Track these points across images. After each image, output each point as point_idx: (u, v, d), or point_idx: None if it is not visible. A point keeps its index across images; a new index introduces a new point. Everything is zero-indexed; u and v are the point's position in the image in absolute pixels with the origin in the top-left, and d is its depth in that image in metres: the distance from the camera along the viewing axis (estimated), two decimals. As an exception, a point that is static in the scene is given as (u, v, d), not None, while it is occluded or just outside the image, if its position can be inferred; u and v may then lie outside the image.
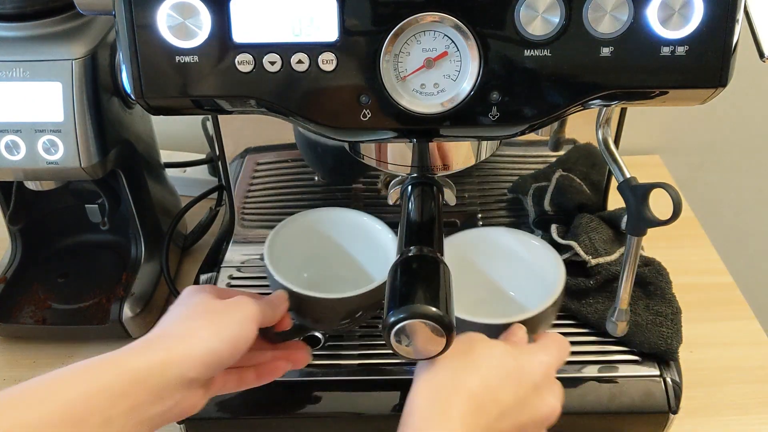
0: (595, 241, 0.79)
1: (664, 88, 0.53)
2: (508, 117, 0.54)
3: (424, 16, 0.52)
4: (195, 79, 0.53)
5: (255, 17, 0.52)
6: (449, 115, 0.54)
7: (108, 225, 0.86)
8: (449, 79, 0.54)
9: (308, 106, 0.54)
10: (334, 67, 0.53)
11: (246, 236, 0.89)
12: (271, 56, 0.52)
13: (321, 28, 0.52)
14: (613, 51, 0.52)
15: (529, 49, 0.52)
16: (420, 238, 0.57)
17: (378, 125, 0.54)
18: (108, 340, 0.85)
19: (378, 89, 0.53)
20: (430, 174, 0.64)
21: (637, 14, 0.51)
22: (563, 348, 0.59)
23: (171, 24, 0.51)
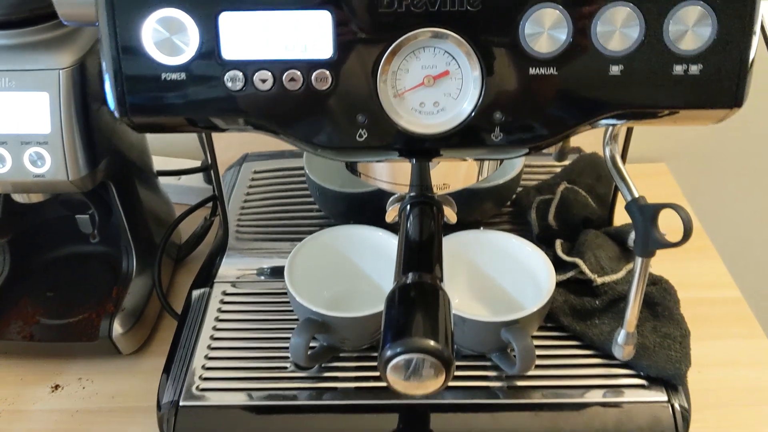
0: (600, 259, 0.76)
1: (677, 108, 0.51)
2: (512, 138, 0.51)
3: (423, 32, 0.49)
4: (182, 98, 0.50)
5: (245, 32, 0.49)
6: (450, 135, 0.52)
7: (98, 238, 0.83)
8: (450, 97, 0.51)
9: (301, 126, 0.51)
10: (328, 85, 0.50)
11: (242, 249, 0.86)
12: (262, 73, 0.50)
13: (315, 45, 0.49)
14: (623, 69, 0.50)
15: (535, 66, 0.50)
16: (419, 263, 0.54)
17: (375, 146, 0.52)
18: (98, 356, 0.83)
19: (375, 108, 0.51)
20: (430, 193, 0.61)
21: (649, 31, 0.49)
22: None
23: (157, 39, 0.49)
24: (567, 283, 0.77)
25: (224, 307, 0.79)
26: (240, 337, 0.76)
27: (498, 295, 0.77)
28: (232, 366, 0.73)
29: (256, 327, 0.77)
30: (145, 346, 0.86)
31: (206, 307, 0.79)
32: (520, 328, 0.66)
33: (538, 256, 0.72)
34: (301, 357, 0.66)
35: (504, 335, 0.66)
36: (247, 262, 0.85)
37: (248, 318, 0.78)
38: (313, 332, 0.67)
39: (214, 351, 0.74)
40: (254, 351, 0.74)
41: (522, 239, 0.74)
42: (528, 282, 0.74)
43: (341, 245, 0.77)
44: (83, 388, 0.81)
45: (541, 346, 0.74)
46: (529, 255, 0.74)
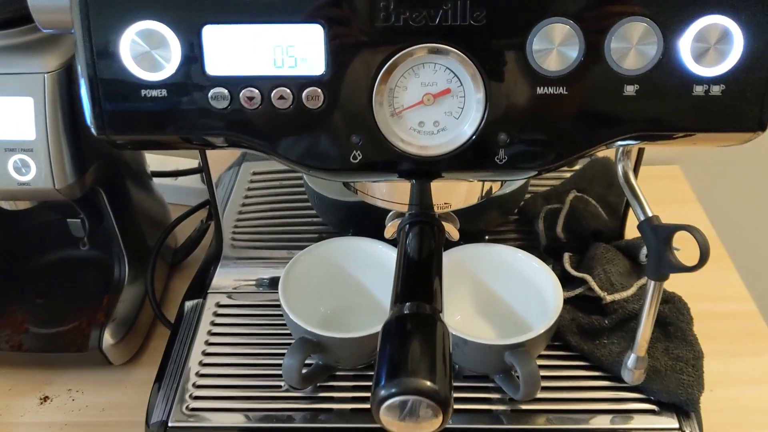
0: (610, 274, 0.73)
1: (696, 131, 0.47)
2: (517, 160, 0.48)
3: (422, 48, 0.45)
4: (164, 116, 0.47)
5: (230, 47, 0.46)
6: (450, 157, 0.48)
7: (88, 245, 0.80)
8: (451, 117, 0.48)
9: (291, 147, 0.48)
10: (320, 103, 0.47)
11: (238, 258, 0.83)
12: (249, 91, 0.46)
13: (306, 60, 0.46)
14: (639, 89, 0.46)
15: (543, 86, 0.46)
16: (417, 291, 0.51)
17: (370, 168, 0.48)
18: (88, 367, 0.80)
19: (370, 128, 0.47)
20: (431, 212, 0.58)
21: (668, 48, 0.45)
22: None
23: (136, 53, 0.45)
24: (575, 300, 0.73)
25: (217, 319, 0.76)
26: (233, 352, 0.73)
27: (502, 312, 0.74)
28: (224, 384, 0.70)
29: (251, 342, 0.74)
30: (138, 355, 0.83)
31: (199, 319, 0.76)
32: (525, 352, 0.63)
33: (545, 273, 0.69)
34: (295, 379, 0.63)
35: (508, 359, 0.63)
36: (242, 272, 0.82)
37: (242, 332, 0.75)
38: (308, 353, 0.64)
39: (205, 367, 0.71)
40: (248, 368, 0.71)
41: (528, 254, 0.71)
42: (534, 299, 0.70)
43: (339, 258, 0.74)
44: (72, 400, 0.78)
45: (547, 367, 0.71)
46: (536, 271, 0.70)
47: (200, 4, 0.45)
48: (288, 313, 0.65)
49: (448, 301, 0.74)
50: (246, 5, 0.45)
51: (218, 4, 0.45)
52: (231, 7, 0.45)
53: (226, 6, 0.45)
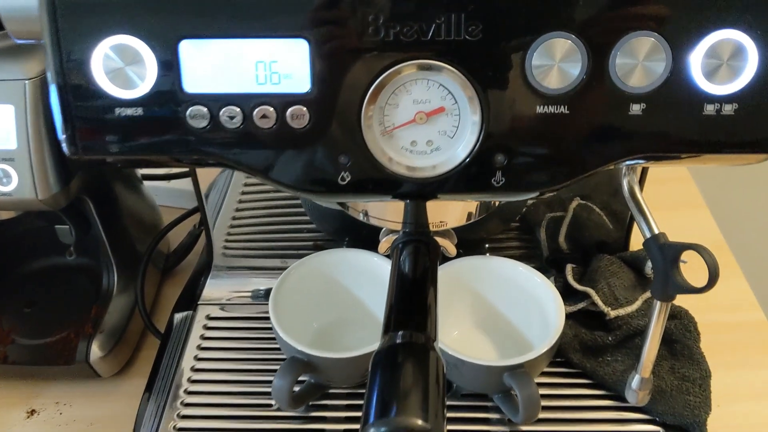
0: (614, 288, 0.70)
1: (706, 152, 0.44)
2: (516, 183, 0.45)
3: (414, 65, 0.42)
4: (139, 135, 0.44)
5: (209, 63, 0.43)
6: (444, 178, 0.45)
7: (75, 255, 0.78)
8: (445, 136, 0.45)
9: (275, 167, 0.45)
10: (305, 123, 0.44)
11: (230, 266, 0.80)
12: (230, 109, 0.44)
13: (290, 77, 0.43)
14: (646, 108, 0.43)
15: (543, 104, 0.43)
16: (410, 319, 0.48)
17: (360, 190, 0.45)
18: (77, 379, 0.78)
19: (359, 149, 0.44)
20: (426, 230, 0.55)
21: (677, 65, 0.42)
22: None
23: (109, 70, 0.42)
24: (578, 315, 0.71)
25: (208, 333, 0.74)
26: (223, 368, 0.70)
27: (502, 327, 0.71)
28: (213, 402, 0.68)
29: (242, 357, 0.71)
30: (128, 366, 0.81)
31: (188, 333, 0.73)
32: (525, 373, 0.60)
33: (546, 289, 0.66)
34: (285, 400, 0.61)
35: (507, 380, 0.61)
36: (234, 282, 0.79)
37: (233, 346, 0.72)
38: (299, 373, 0.62)
39: (194, 384, 0.69)
40: (238, 385, 0.69)
41: (530, 268, 0.68)
42: (535, 315, 0.68)
43: (332, 271, 0.71)
44: (60, 413, 0.76)
45: (548, 384, 0.68)
46: (537, 286, 0.67)
47: (176, 18, 0.42)
48: (278, 330, 0.63)
49: (445, 315, 0.71)
50: (225, 19, 0.42)
51: (196, 17, 0.42)
52: (209, 21, 0.42)
53: (204, 19, 0.42)
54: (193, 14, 0.42)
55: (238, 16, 0.42)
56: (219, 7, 0.42)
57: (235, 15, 0.42)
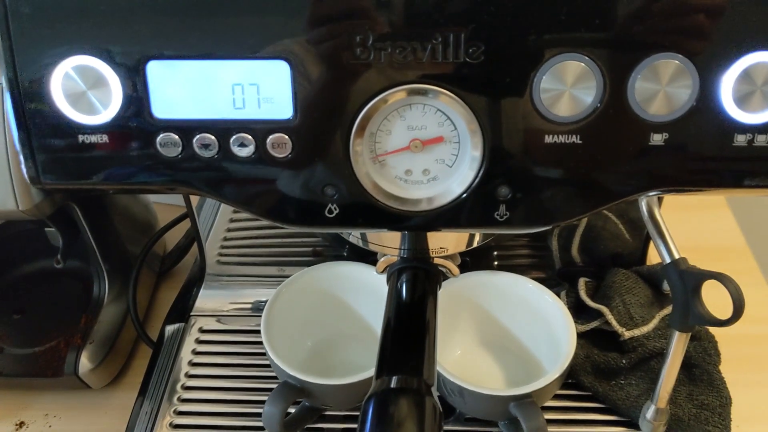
0: (630, 306, 0.65)
1: (736, 187, 0.39)
2: (521, 217, 0.41)
3: (407, 90, 0.38)
4: (106, 164, 0.40)
5: (181, 86, 0.38)
6: (442, 212, 0.41)
7: (62, 263, 0.74)
8: (443, 164, 0.41)
9: (255, 199, 0.41)
10: (288, 152, 0.40)
11: (225, 274, 0.76)
12: (204, 137, 0.39)
13: (271, 101, 0.39)
14: (668, 139, 0.38)
15: (552, 134, 0.38)
16: (405, 361, 0.44)
17: (349, 223, 0.41)
18: (67, 390, 0.75)
19: (348, 180, 0.40)
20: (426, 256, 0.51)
21: (704, 91, 0.37)
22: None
23: (70, 94, 0.38)
24: (590, 334, 0.66)
25: (200, 347, 0.70)
26: (215, 386, 0.67)
27: (509, 346, 0.67)
28: (203, 424, 0.64)
29: (235, 374, 0.68)
30: (121, 375, 0.78)
31: (179, 347, 0.70)
32: (531, 403, 0.56)
33: (557, 309, 0.62)
34: (276, 429, 0.57)
35: (512, 410, 0.57)
36: (228, 293, 0.75)
37: (226, 362, 0.69)
38: (291, 399, 0.58)
39: (184, 404, 0.66)
40: (230, 405, 0.65)
41: (540, 286, 0.64)
42: (544, 335, 0.64)
43: (328, 285, 0.67)
44: (49, 426, 0.73)
45: (556, 409, 0.64)
46: (548, 305, 0.63)
47: (142, 36, 0.37)
48: (270, 353, 0.59)
49: (448, 333, 0.67)
50: (198, 38, 0.37)
51: (164, 36, 0.37)
52: (179, 40, 0.37)
53: (174, 38, 0.37)
54: (161, 32, 0.37)
55: (212, 35, 0.37)
56: (190, 25, 0.37)
57: (208, 34, 0.37)
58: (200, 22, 0.37)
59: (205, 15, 0.37)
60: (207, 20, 0.37)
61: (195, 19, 0.37)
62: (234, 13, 0.37)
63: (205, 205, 0.76)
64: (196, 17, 0.37)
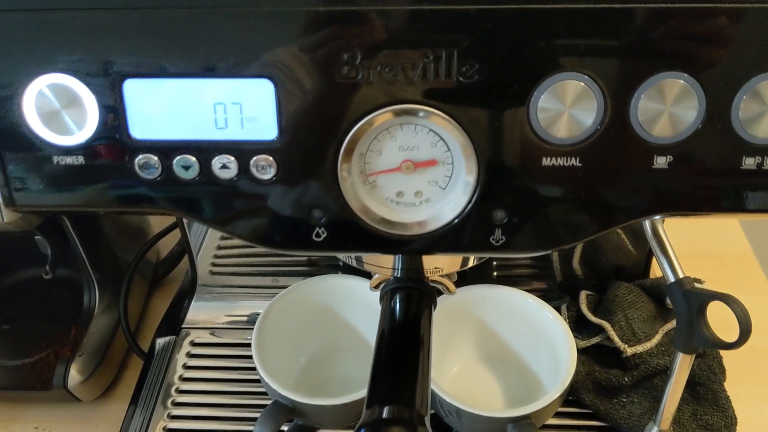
0: (632, 321, 0.63)
1: (744, 212, 0.37)
2: (517, 242, 0.39)
3: (398, 110, 0.36)
4: (82, 186, 0.38)
5: (159, 105, 0.36)
6: (435, 236, 0.39)
7: (51, 274, 0.73)
8: (436, 186, 0.39)
9: (239, 223, 0.39)
10: (273, 174, 0.38)
11: (218, 285, 0.74)
12: (185, 159, 0.37)
13: (254, 121, 0.37)
14: (673, 162, 0.36)
15: (550, 156, 0.37)
16: (397, 388, 0.42)
17: (338, 247, 0.39)
18: (56, 403, 0.73)
19: (336, 202, 0.38)
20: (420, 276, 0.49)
21: (711, 111, 0.35)
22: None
23: (44, 114, 0.36)
24: (592, 350, 0.65)
25: (191, 361, 0.68)
26: (206, 402, 0.65)
27: (509, 361, 0.65)
28: (194, 442, 0.62)
29: (227, 390, 0.66)
30: (112, 387, 0.77)
31: (170, 361, 0.68)
32: (530, 425, 0.54)
33: (558, 326, 0.60)
34: (266, 450, 0.56)
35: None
36: (220, 305, 0.74)
37: (218, 377, 0.67)
38: (283, 419, 0.56)
39: (174, 421, 0.64)
40: (221, 422, 0.64)
41: (541, 302, 0.62)
42: (545, 351, 0.62)
43: (322, 298, 0.65)
44: (39, 438, 0.72)
45: (557, 427, 0.62)
46: (549, 322, 0.61)
47: (119, 54, 0.35)
48: (261, 372, 0.57)
49: (446, 348, 0.65)
50: (177, 55, 0.35)
51: (141, 53, 0.35)
52: (157, 57, 0.35)
53: (152, 55, 0.35)
54: (138, 50, 0.35)
55: (192, 53, 0.35)
56: (169, 42, 0.35)
57: (188, 51, 0.35)
58: (179, 39, 0.35)
59: (184, 31, 0.35)
60: (186, 37, 0.35)
61: (174, 36, 0.35)
62: (215, 29, 0.35)
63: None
64: (175, 34, 0.35)
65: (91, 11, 0.35)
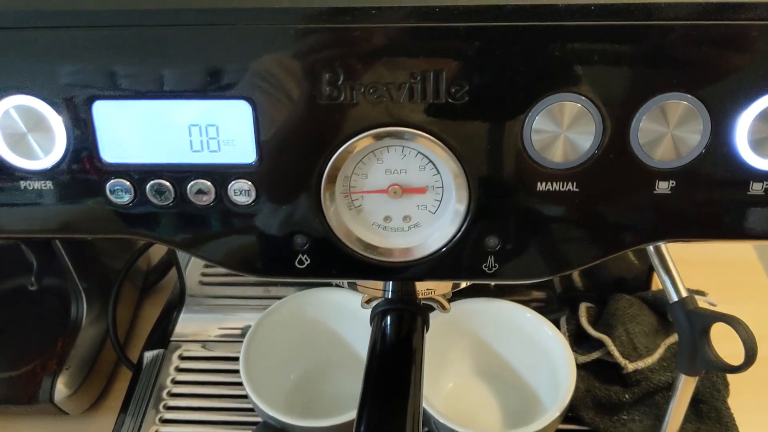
0: (634, 335, 0.62)
1: (752, 238, 0.35)
2: (511, 269, 0.37)
3: (384, 132, 0.33)
4: (50, 213, 0.36)
5: (131, 127, 0.34)
6: (423, 264, 0.37)
7: (36, 285, 0.71)
8: (426, 211, 0.37)
9: (217, 249, 0.37)
10: (252, 199, 0.36)
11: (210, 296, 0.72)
12: (158, 183, 0.35)
13: (232, 143, 0.35)
14: (675, 187, 0.34)
15: (545, 181, 0.34)
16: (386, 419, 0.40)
17: (323, 274, 0.37)
18: (43, 416, 0.72)
19: (319, 228, 0.36)
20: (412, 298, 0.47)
21: (717, 134, 0.33)
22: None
23: (8, 135, 0.34)
24: (591, 365, 0.63)
25: (179, 376, 0.66)
26: (194, 419, 0.63)
27: (506, 377, 0.63)
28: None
29: (216, 406, 0.64)
30: (101, 399, 0.75)
31: (158, 375, 0.66)
32: (528, 447, 0.53)
33: (557, 342, 0.58)
34: (255, 472, 0.54)
35: None
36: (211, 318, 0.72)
37: (208, 393, 0.65)
38: (271, 441, 0.55)
39: (162, 438, 0.62)
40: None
41: (539, 316, 0.60)
42: (543, 366, 0.60)
43: (313, 312, 0.64)
44: (26, 452, 0.70)
45: (555, 445, 0.60)
46: (548, 338, 0.59)
47: (87, 74, 0.33)
48: (250, 391, 0.55)
49: (441, 363, 0.63)
50: (147, 74, 0.33)
51: (111, 73, 0.33)
52: (128, 77, 0.33)
53: (122, 75, 0.33)
54: (108, 69, 0.33)
55: (165, 72, 0.33)
56: (140, 61, 0.33)
57: (160, 71, 0.33)
58: (151, 58, 0.33)
59: (156, 50, 0.33)
60: (158, 56, 0.33)
61: (145, 54, 0.33)
62: (188, 47, 0.33)
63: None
64: (147, 53, 0.33)
65: (57, 29, 0.33)
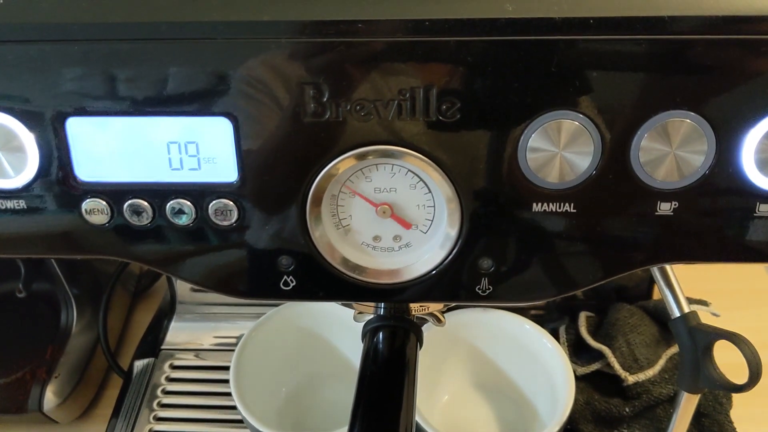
0: (634, 346, 0.60)
1: (759, 261, 0.33)
2: (505, 292, 0.35)
3: (372, 151, 0.32)
4: (25, 233, 0.34)
5: (108, 144, 0.33)
6: (413, 286, 0.35)
7: (24, 292, 0.69)
8: (416, 230, 0.35)
9: (198, 271, 0.35)
10: (233, 219, 0.34)
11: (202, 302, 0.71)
12: (136, 203, 0.34)
13: (213, 161, 0.33)
14: (678, 208, 0.32)
15: (541, 201, 0.33)
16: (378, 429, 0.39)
17: (309, 296, 0.36)
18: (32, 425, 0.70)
19: (305, 248, 0.34)
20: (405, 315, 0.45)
21: (722, 154, 0.31)
22: None
23: (-22, 154, 0.33)
24: (591, 376, 0.61)
25: (170, 386, 0.65)
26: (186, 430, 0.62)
27: (503, 388, 0.62)
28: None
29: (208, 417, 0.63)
30: (92, 407, 0.73)
31: (148, 384, 0.65)
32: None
33: (556, 355, 0.57)
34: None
35: None
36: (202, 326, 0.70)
37: (198, 404, 0.64)
38: (261, 458, 0.53)
39: (151, 451, 0.61)
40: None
41: (538, 327, 0.59)
42: (541, 378, 0.59)
43: (305, 322, 0.62)
44: (15, 462, 0.69)
45: (554, 459, 0.59)
46: (546, 350, 0.58)
47: (60, 90, 0.32)
48: (240, 406, 0.54)
49: (436, 375, 0.62)
50: (123, 90, 0.31)
51: (85, 88, 0.31)
52: (103, 93, 0.32)
53: (97, 91, 0.32)
54: (81, 85, 0.32)
55: (141, 88, 0.32)
56: (115, 77, 0.31)
57: (136, 86, 0.31)
58: (126, 73, 0.31)
59: (131, 65, 0.31)
60: (134, 71, 0.31)
61: (120, 69, 0.31)
62: (165, 62, 0.31)
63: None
64: (122, 67, 0.31)
65: (27, 43, 0.31)
